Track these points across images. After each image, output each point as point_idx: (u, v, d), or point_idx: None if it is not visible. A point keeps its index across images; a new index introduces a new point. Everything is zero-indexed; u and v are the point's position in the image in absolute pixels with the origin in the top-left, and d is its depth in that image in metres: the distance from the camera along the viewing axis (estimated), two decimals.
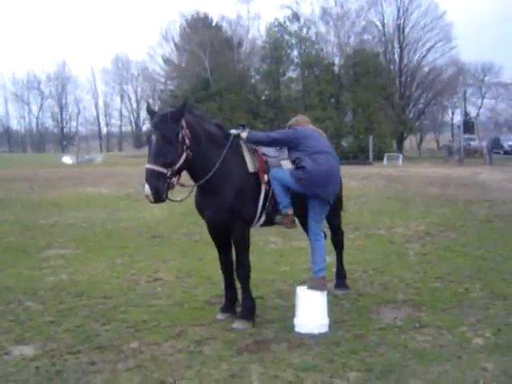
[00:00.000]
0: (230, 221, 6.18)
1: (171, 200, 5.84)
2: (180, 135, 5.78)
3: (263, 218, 6.50)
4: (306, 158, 6.22)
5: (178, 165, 5.76)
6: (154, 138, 5.69)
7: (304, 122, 6.80)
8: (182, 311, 6.74)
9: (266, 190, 6.37)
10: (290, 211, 6.41)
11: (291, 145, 6.42)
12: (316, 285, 6.23)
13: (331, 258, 9.12)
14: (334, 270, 7.78)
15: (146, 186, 5.55)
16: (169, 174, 5.66)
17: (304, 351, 5.44)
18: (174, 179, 5.78)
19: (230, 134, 6.35)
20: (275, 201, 6.38)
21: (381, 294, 7.41)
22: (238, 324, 6.21)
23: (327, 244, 7.64)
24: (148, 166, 5.62)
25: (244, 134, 6.34)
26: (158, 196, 5.58)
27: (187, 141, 5.86)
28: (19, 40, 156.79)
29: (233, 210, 6.12)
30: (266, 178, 6.36)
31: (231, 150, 6.27)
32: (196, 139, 5.97)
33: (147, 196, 5.58)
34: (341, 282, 7.62)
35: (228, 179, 6.14)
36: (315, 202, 6.39)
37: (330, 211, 6.91)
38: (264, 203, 6.38)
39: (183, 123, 5.84)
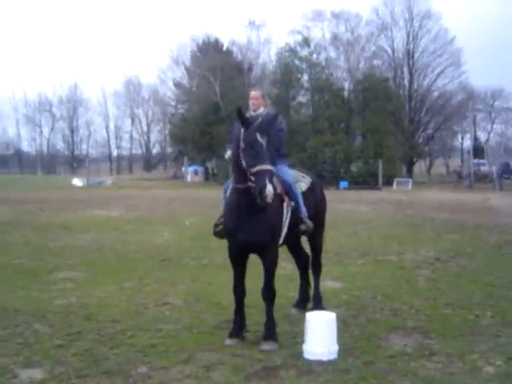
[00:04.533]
0: (266, 242, 6.28)
1: None
2: None
3: (282, 240, 6.65)
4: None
5: None
6: (263, 141, 5.92)
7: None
8: (191, 336, 6.70)
9: (287, 210, 6.57)
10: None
11: None
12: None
13: (340, 284, 9.11)
14: (312, 293, 7.73)
15: (270, 187, 5.73)
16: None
17: (313, 378, 5.39)
18: None
19: None
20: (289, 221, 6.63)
21: (390, 320, 7.35)
22: (265, 345, 6.21)
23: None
24: (268, 167, 5.86)
25: None
26: (272, 196, 5.79)
27: None
28: (31, 62, 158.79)
29: (270, 230, 6.28)
30: (286, 199, 6.59)
31: None
32: None
33: (267, 196, 5.72)
34: (316, 304, 7.53)
35: None
36: None
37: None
38: (284, 224, 6.57)
39: None
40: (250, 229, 6.21)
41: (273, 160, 6.05)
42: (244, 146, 6.00)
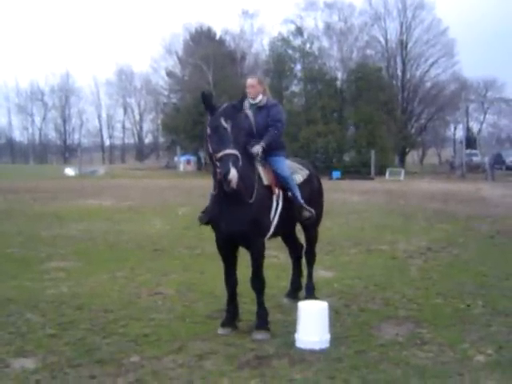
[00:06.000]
0: (249, 232, 6.19)
1: None
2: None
3: (271, 231, 6.59)
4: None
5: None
6: (227, 125, 5.79)
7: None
8: (183, 325, 6.71)
9: (277, 202, 6.50)
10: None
11: None
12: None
13: (333, 273, 9.14)
14: (304, 282, 7.74)
15: (234, 171, 5.59)
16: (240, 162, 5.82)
17: (305, 367, 5.41)
18: None
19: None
20: (281, 214, 6.55)
21: (382, 309, 7.37)
22: (258, 335, 6.22)
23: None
24: (232, 151, 5.71)
25: (262, 144, 6.55)
26: (237, 181, 5.68)
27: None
28: (23, 51, 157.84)
29: (254, 222, 6.16)
30: (277, 191, 6.52)
31: (249, 162, 6.32)
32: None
33: (230, 180, 5.60)
34: (308, 293, 7.56)
35: (250, 190, 6.16)
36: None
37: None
38: (274, 215, 6.49)
39: None
40: (232, 219, 6.16)
41: (239, 144, 5.89)
42: (210, 132, 5.95)
